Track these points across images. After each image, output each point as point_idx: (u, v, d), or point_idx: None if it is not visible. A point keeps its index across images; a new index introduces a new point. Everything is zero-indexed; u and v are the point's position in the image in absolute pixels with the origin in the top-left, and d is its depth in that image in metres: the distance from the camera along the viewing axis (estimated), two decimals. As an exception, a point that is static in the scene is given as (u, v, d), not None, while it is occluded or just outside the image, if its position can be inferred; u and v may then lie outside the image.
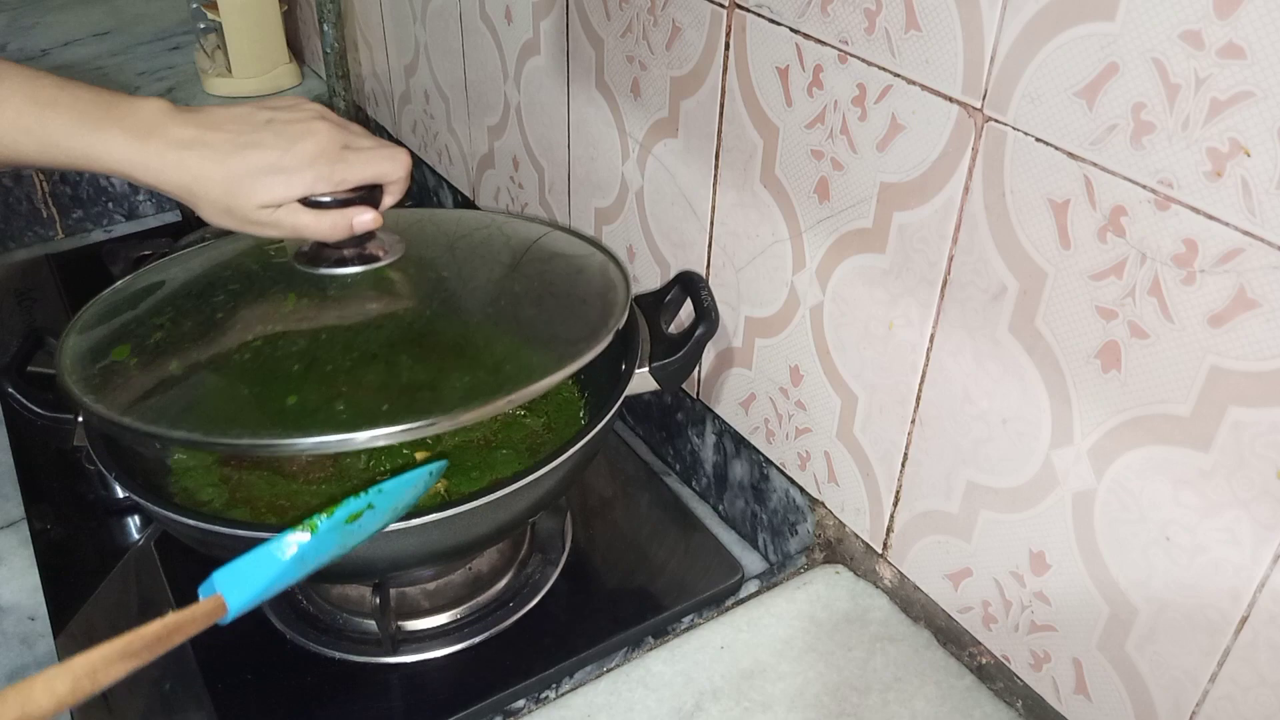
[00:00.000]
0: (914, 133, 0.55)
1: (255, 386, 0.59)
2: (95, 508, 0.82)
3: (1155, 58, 0.43)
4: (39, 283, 1.12)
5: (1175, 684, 0.51)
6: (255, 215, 0.60)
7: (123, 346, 0.63)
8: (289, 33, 1.37)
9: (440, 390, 0.59)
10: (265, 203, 0.60)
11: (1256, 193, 0.41)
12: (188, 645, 0.69)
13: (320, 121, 0.62)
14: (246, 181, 0.59)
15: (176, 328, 0.64)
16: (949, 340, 0.58)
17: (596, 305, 0.67)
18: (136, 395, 0.59)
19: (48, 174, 1.19)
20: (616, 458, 0.88)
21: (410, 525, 0.58)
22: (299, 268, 0.66)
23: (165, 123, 0.60)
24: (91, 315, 0.67)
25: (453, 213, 0.82)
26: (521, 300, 0.67)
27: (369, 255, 0.66)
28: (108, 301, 0.69)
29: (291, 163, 0.60)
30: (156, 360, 0.61)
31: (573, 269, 0.72)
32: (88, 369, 0.61)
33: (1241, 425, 0.45)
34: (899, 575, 0.67)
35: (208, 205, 0.60)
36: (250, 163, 0.59)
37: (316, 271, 0.65)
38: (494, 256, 0.72)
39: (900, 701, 0.61)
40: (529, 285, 0.69)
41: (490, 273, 0.70)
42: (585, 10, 0.79)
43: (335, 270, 0.65)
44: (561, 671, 0.67)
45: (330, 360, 0.60)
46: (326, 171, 0.61)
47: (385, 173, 0.63)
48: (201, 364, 0.61)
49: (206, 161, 0.59)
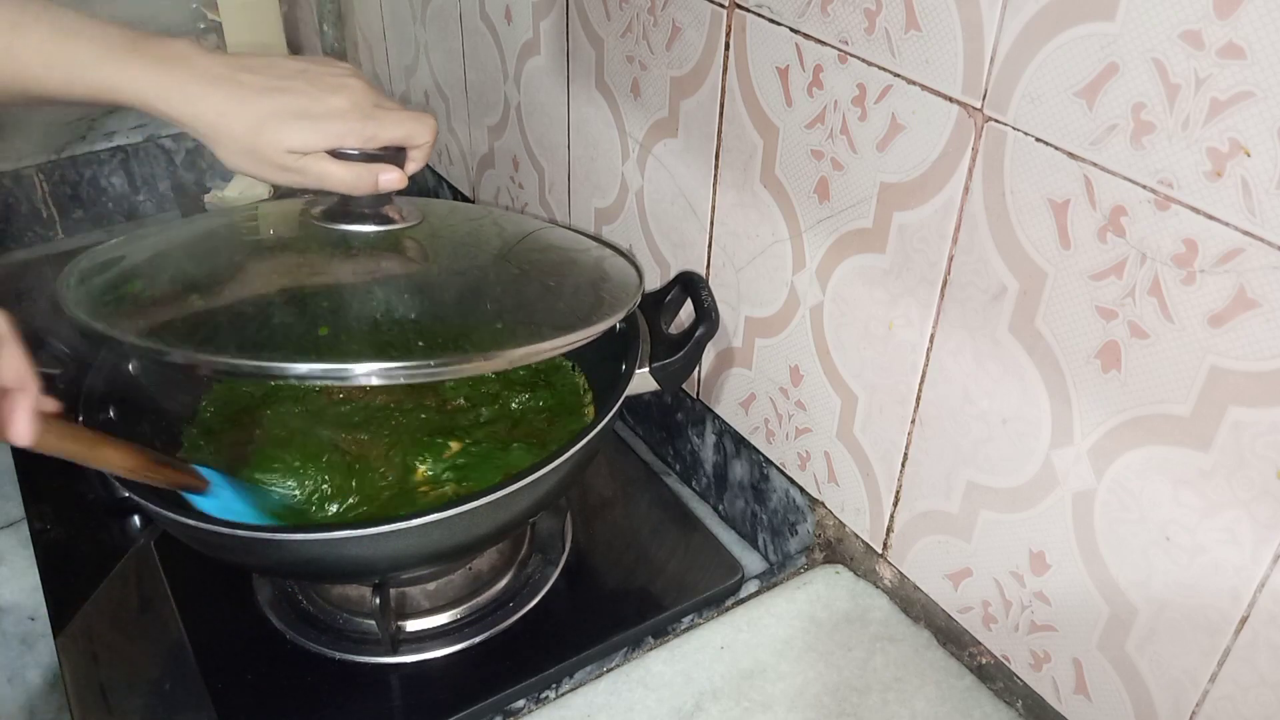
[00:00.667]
0: (914, 133, 0.55)
1: (285, 318, 0.58)
2: (95, 508, 0.82)
3: (1155, 58, 0.43)
4: (39, 283, 1.12)
5: (1175, 684, 0.51)
6: (280, 159, 0.60)
7: (134, 282, 0.61)
8: (289, 33, 1.37)
9: (472, 336, 0.59)
10: (293, 147, 0.59)
11: (1256, 193, 0.41)
12: (187, 644, 0.70)
13: (354, 79, 0.62)
14: (274, 123, 0.59)
15: (193, 270, 0.63)
16: (949, 340, 0.58)
17: (609, 286, 0.68)
18: (159, 322, 0.57)
19: (48, 174, 1.19)
20: (616, 458, 0.88)
21: (410, 525, 0.58)
22: (317, 223, 0.66)
23: (193, 56, 0.58)
24: (89, 264, 0.65)
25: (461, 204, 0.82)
26: (543, 271, 0.67)
27: (387, 216, 0.66)
28: (105, 252, 0.67)
29: (323, 111, 0.60)
30: (174, 296, 0.60)
31: (580, 255, 0.73)
32: (98, 304, 0.59)
33: (1241, 425, 0.45)
34: (899, 575, 0.67)
35: (230, 144, 0.59)
36: (281, 105, 0.59)
37: (336, 227, 0.65)
38: (505, 237, 0.73)
39: (900, 701, 0.61)
40: (547, 260, 0.70)
41: (506, 249, 0.71)
42: (585, 10, 0.79)
43: (355, 227, 0.65)
44: (561, 671, 0.67)
45: (358, 302, 0.60)
46: (358, 126, 0.61)
47: (413, 134, 0.63)
48: (226, 298, 0.60)
49: (234, 99, 0.58)
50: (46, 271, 1.14)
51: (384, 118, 0.62)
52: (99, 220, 1.25)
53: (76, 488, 0.84)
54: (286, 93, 0.59)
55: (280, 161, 0.60)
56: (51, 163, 1.19)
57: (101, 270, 0.64)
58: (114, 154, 1.23)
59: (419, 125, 0.63)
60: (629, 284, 0.69)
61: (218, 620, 0.72)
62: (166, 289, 0.61)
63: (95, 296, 0.60)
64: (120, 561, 0.77)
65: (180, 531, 0.62)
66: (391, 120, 0.62)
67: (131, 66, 0.57)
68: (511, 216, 0.79)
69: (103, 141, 1.22)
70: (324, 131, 0.60)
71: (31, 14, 0.56)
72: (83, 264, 0.65)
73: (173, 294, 0.60)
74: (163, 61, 0.58)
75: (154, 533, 0.79)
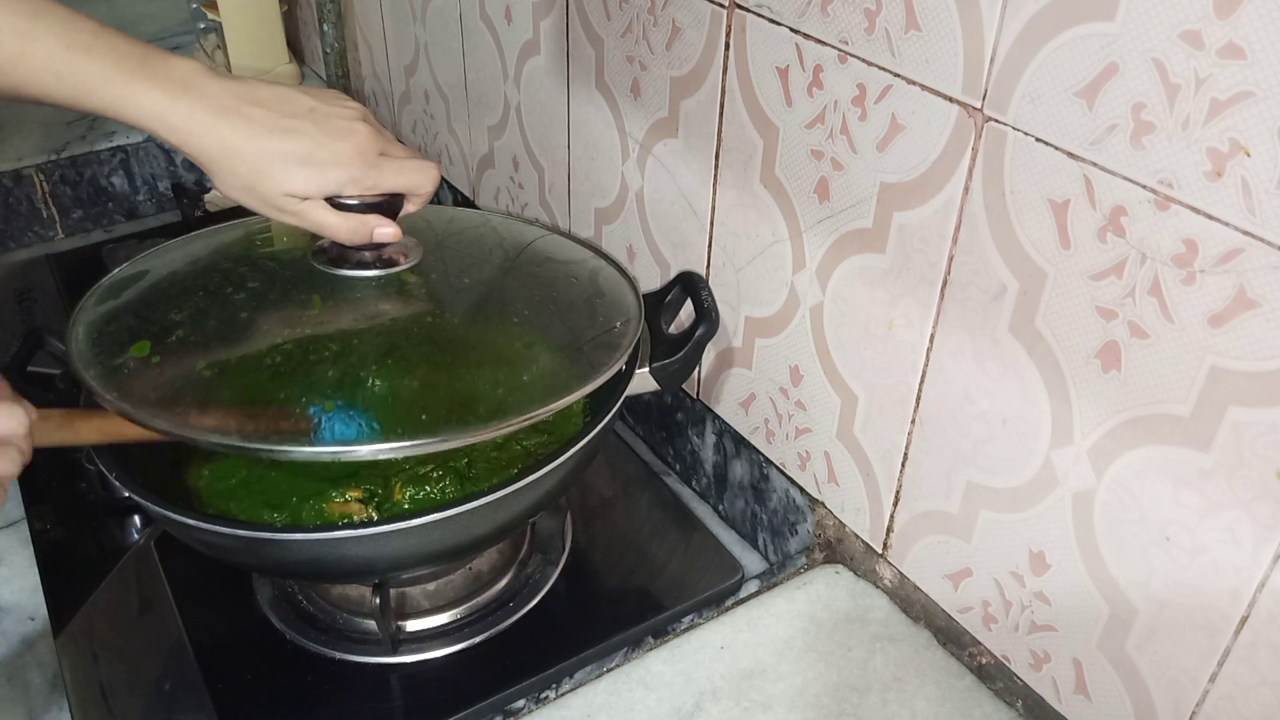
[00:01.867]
0: (914, 133, 0.55)
1: (290, 390, 0.59)
2: (95, 508, 0.82)
3: (1155, 58, 0.43)
4: (39, 283, 1.12)
5: (1175, 684, 0.51)
6: (278, 201, 0.60)
7: (142, 343, 0.62)
8: (289, 33, 1.37)
9: (471, 401, 0.59)
10: (292, 192, 0.59)
11: (1256, 193, 0.41)
12: (187, 644, 0.70)
13: (362, 123, 0.62)
14: (278, 165, 0.58)
15: (197, 326, 0.63)
16: (949, 340, 0.58)
17: (611, 314, 0.68)
18: (166, 395, 0.58)
19: (48, 174, 1.19)
20: (616, 458, 0.88)
21: (410, 525, 0.58)
22: (319, 268, 0.66)
23: (202, 84, 0.58)
24: (96, 309, 0.66)
25: (460, 211, 0.82)
26: (543, 311, 0.68)
27: (389, 259, 0.66)
28: (110, 291, 0.68)
29: (327, 158, 0.59)
30: (181, 359, 0.61)
31: (582, 275, 0.73)
32: (106, 366, 0.60)
33: (1241, 425, 0.45)
34: (899, 575, 0.67)
35: (230, 178, 0.59)
36: (286, 147, 0.58)
37: (339, 273, 0.66)
38: (508, 261, 0.73)
39: (900, 701, 0.61)
40: (547, 297, 0.70)
41: (508, 278, 0.71)
42: (585, 10, 0.79)
43: (357, 273, 0.66)
44: (561, 671, 0.67)
45: (362, 366, 0.60)
46: (360, 174, 0.60)
47: (415, 185, 0.63)
48: (231, 365, 0.60)
49: (240, 134, 0.58)
50: (46, 271, 1.14)
51: (387, 167, 0.62)
52: (99, 220, 1.25)
53: (76, 488, 0.84)
54: (293, 134, 0.59)
55: (278, 204, 0.60)
56: (51, 163, 1.19)
57: (109, 322, 0.65)
58: (114, 154, 1.23)
59: (421, 176, 0.63)
60: (630, 316, 0.69)
61: (218, 620, 0.72)
62: (172, 352, 0.62)
63: (103, 358, 0.61)
64: (120, 561, 0.77)
65: (180, 531, 0.62)
66: (394, 170, 0.62)
67: (139, 88, 0.57)
68: (511, 227, 0.79)
69: (103, 141, 1.22)
70: (326, 179, 0.60)
71: (44, 24, 0.55)
72: (87, 315, 0.66)
73: (178, 359, 0.61)
74: (171, 86, 0.57)
75: (154, 533, 0.79)
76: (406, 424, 0.58)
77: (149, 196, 1.27)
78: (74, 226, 1.23)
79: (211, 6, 1.29)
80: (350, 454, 0.57)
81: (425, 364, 0.62)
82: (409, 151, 0.64)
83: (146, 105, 0.57)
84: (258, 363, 0.61)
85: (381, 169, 0.62)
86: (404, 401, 0.60)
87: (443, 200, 1.18)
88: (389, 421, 0.58)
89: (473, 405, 0.60)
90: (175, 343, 0.62)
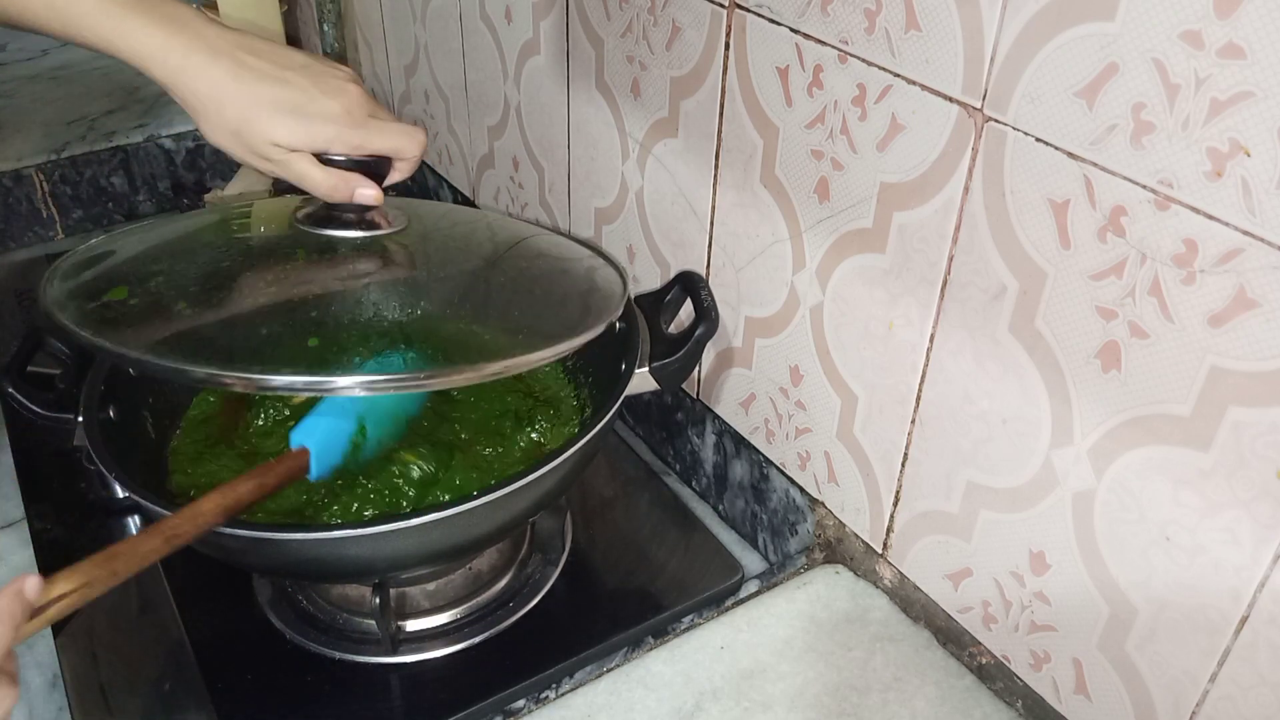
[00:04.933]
0: (914, 133, 0.55)
1: (274, 328, 0.58)
2: (95, 508, 0.82)
3: (1155, 58, 0.43)
4: (39, 282, 1.12)
5: (1175, 684, 0.51)
6: (264, 149, 0.59)
7: (119, 288, 0.60)
8: (289, 33, 1.37)
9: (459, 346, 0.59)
10: (279, 141, 0.59)
11: (1256, 193, 0.41)
12: (187, 644, 0.70)
13: (353, 84, 0.62)
14: (266, 112, 0.58)
15: (177, 274, 0.62)
16: (949, 340, 0.58)
17: (594, 296, 0.68)
18: (145, 332, 0.57)
19: (48, 174, 1.19)
20: (616, 458, 0.88)
21: (410, 525, 0.58)
22: (302, 228, 0.65)
23: (198, 25, 0.57)
24: (72, 265, 0.64)
25: (455, 207, 0.82)
26: (529, 281, 0.68)
27: (373, 222, 0.66)
28: (88, 251, 0.67)
29: (316, 111, 0.59)
30: (159, 302, 0.60)
31: (568, 264, 0.73)
32: (82, 308, 0.58)
33: (1241, 425, 0.45)
34: (899, 575, 0.67)
35: (216, 121, 0.58)
36: (277, 96, 0.58)
37: (321, 233, 0.65)
38: (496, 243, 0.73)
39: (900, 701, 0.61)
40: (533, 269, 0.70)
41: (495, 256, 0.71)
42: (585, 10, 0.79)
43: (340, 232, 0.65)
44: (561, 671, 0.67)
45: (346, 312, 0.60)
46: (348, 134, 0.60)
47: (401, 148, 0.63)
48: (213, 305, 0.59)
49: (231, 76, 0.57)
50: (46, 272, 1.14)
51: (374, 128, 0.62)
52: (99, 220, 1.25)
53: (76, 488, 0.84)
54: (285, 85, 0.59)
55: (263, 151, 0.59)
56: (51, 163, 1.19)
57: (84, 269, 0.63)
58: (114, 154, 1.23)
59: (408, 140, 0.63)
60: (614, 292, 0.69)
61: (218, 620, 0.72)
62: (150, 295, 0.60)
63: (79, 300, 0.59)
64: (120, 561, 0.77)
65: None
66: (381, 132, 0.62)
67: (134, 23, 0.56)
68: (505, 222, 0.78)
69: (103, 141, 1.22)
70: (313, 133, 0.60)
71: None
72: (65, 264, 0.64)
73: (156, 301, 0.60)
74: (167, 24, 0.56)
75: (154, 533, 0.79)
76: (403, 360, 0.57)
77: (149, 196, 1.27)
78: (74, 226, 1.23)
79: (211, 6, 1.29)
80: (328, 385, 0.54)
81: (414, 315, 0.61)
82: (398, 119, 0.65)
83: (140, 40, 0.56)
84: (240, 305, 0.60)
85: (369, 129, 0.61)
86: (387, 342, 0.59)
87: (442, 200, 1.18)
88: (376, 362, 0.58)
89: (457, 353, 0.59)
90: (155, 287, 0.60)
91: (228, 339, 0.58)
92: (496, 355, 0.58)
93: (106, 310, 0.58)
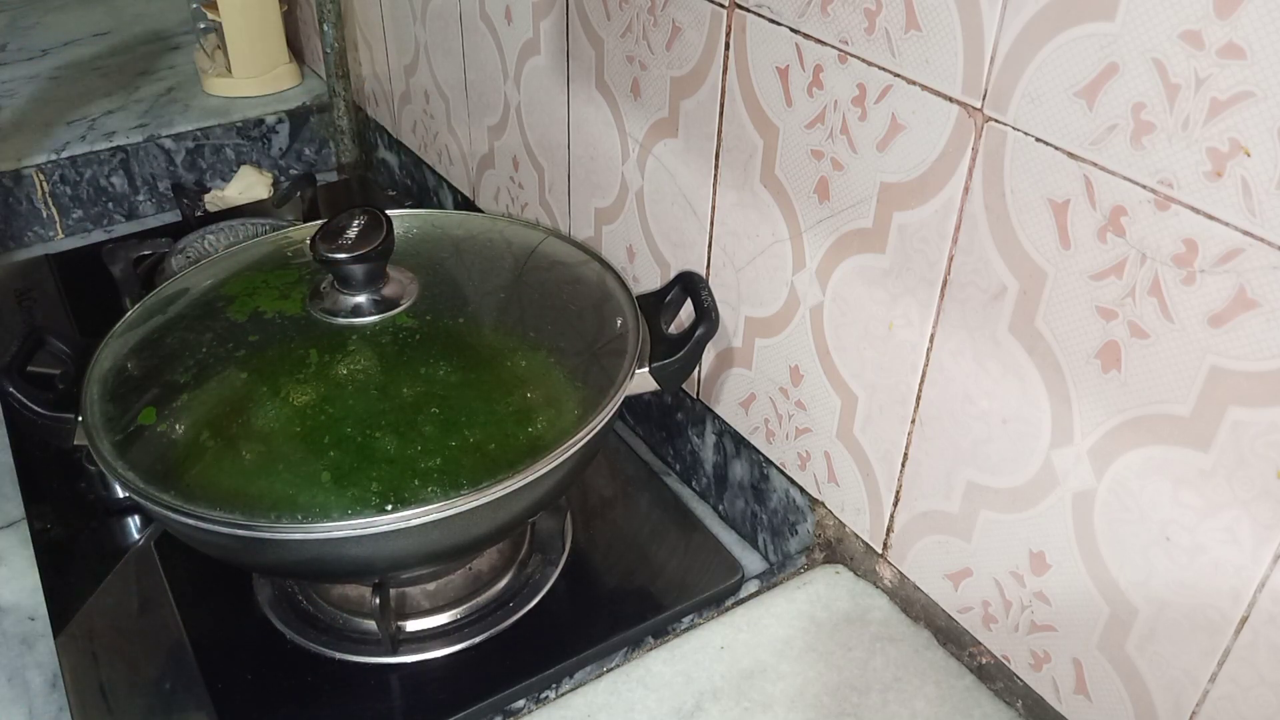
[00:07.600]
0: (914, 133, 0.55)
1: (288, 460, 0.60)
2: (95, 508, 0.82)
3: (1155, 58, 0.43)
4: (39, 283, 1.12)
5: (1175, 684, 0.51)
6: None
7: (149, 410, 0.64)
8: (289, 33, 1.37)
9: (463, 460, 0.61)
10: None
11: (1256, 193, 0.41)
12: (187, 644, 0.70)
13: None
14: None
15: (199, 388, 0.65)
16: (949, 340, 0.58)
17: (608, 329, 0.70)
18: (172, 467, 0.61)
19: (48, 174, 1.19)
20: (616, 458, 0.88)
21: (410, 525, 0.58)
22: (315, 316, 0.67)
23: None
24: (109, 362, 0.68)
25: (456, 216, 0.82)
26: (539, 338, 0.69)
27: (387, 300, 0.68)
28: (122, 343, 0.70)
29: None
30: (185, 427, 0.63)
31: (581, 291, 0.74)
32: (116, 432, 0.63)
33: (1241, 425, 0.45)
34: (899, 575, 0.67)
35: None
36: None
37: (334, 321, 0.67)
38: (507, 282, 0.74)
39: (900, 701, 0.61)
40: (545, 320, 0.72)
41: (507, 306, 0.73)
42: (585, 10, 0.79)
43: (354, 320, 0.67)
44: (561, 671, 0.67)
45: (357, 428, 0.61)
46: None
47: None
48: (232, 435, 0.62)
49: None
50: (46, 271, 1.14)
51: None
52: (99, 220, 1.25)
53: (76, 488, 0.84)
54: None
55: None
56: (51, 163, 1.19)
57: (119, 374, 0.68)
58: (114, 154, 1.23)
59: None
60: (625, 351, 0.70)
61: (218, 620, 0.72)
62: (176, 422, 0.64)
63: (113, 426, 0.64)
64: (120, 561, 0.77)
65: (180, 531, 0.62)
66: None
67: None
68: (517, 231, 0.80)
69: (103, 141, 1.22)
70: None
71: None
72: (98, 366, 0.68)
73: (182, 429, 0.63)
74: None
75: (154, 533, 0.79)
76: (413, 491, 0.59)
77: (149, 196, 1.27)
78: (74, 226, 1.23)
79: (211, 6, 1.29)
80: (372, 525, 0.58)
81: (424, 419, 0.63)
82: None
83: None
84: (256, 432, 0.62)
85: None
86: (403, 464, 0.61)
87: (443, 200, 1.18)
88: (392, 487, 0.59)
89: (485, 459, 0.61)
90: (180, 410, 0.64)
91: (260, 480, 0.60)
92: (519, 461, 0.61)
93: (137, 438, 0.63)
